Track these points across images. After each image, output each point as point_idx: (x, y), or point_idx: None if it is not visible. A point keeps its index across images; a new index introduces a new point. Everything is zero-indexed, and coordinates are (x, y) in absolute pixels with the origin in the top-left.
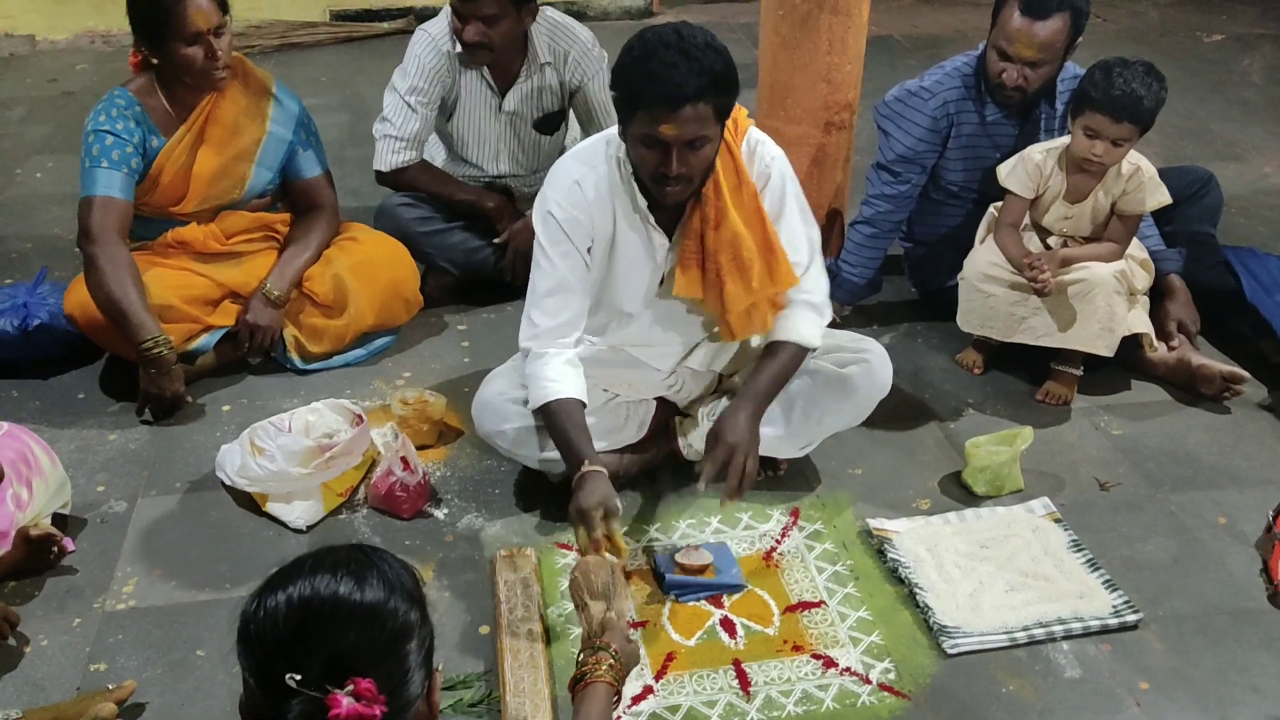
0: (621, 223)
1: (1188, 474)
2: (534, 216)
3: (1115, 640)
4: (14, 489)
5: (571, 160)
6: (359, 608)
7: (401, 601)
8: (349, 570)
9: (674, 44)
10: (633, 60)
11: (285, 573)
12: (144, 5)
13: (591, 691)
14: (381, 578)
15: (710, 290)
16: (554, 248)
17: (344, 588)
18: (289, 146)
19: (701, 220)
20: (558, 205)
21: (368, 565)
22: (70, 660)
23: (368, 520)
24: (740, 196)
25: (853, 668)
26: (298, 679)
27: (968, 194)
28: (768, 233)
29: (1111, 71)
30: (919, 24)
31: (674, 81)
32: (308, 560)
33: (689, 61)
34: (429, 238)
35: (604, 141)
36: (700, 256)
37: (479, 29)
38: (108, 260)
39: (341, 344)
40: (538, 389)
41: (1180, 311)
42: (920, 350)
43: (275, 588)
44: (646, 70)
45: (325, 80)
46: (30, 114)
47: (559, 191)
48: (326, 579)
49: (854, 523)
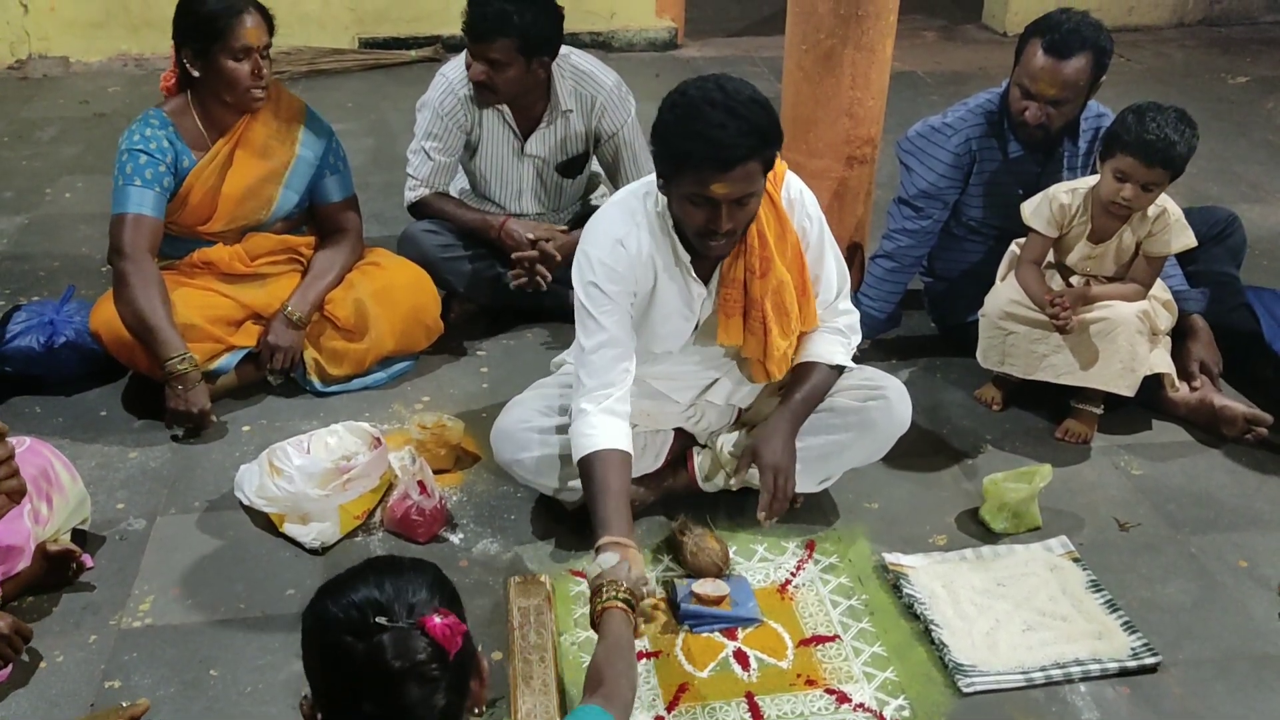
0: (662, 275)
1: (1209, 516)
2: (575, 276)
3: (1134, 683)
4: (34, 504)
5: (613, 215)
6: (425, 566)
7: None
8: (392, 561)
9: (720, 102)
10: (677, 119)
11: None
12: (197, 16)
13: (607, 617)
14: (420, 565)
15: (752, 337)
16: (598, 308)
17: (404, 563)
18: (316, 170)
19: (746, 270)
20: (601, 265)
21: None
22: (85, 677)
23: (383, 543)
24: (784, 245)
25: (866, 704)
26: (385, 620)
27: (989, 230)
28: (806, 278)
29: (1145, 115)
30: (942, 60)
31: (724, 142)
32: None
33: (737, 120)
34: (451, 264)
35: (642, 194)
36: (744, 304)
37: (483, 70)
38: (138, 277)
39: (361, 368)
40: (577, 441)
41: (1203, 352)
42: (939, 385)
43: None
44: (693, 130)
45: (352, 106)
46: (62, 134)
47: (602, 250)
48: (382, 562)
49: (870, 557)
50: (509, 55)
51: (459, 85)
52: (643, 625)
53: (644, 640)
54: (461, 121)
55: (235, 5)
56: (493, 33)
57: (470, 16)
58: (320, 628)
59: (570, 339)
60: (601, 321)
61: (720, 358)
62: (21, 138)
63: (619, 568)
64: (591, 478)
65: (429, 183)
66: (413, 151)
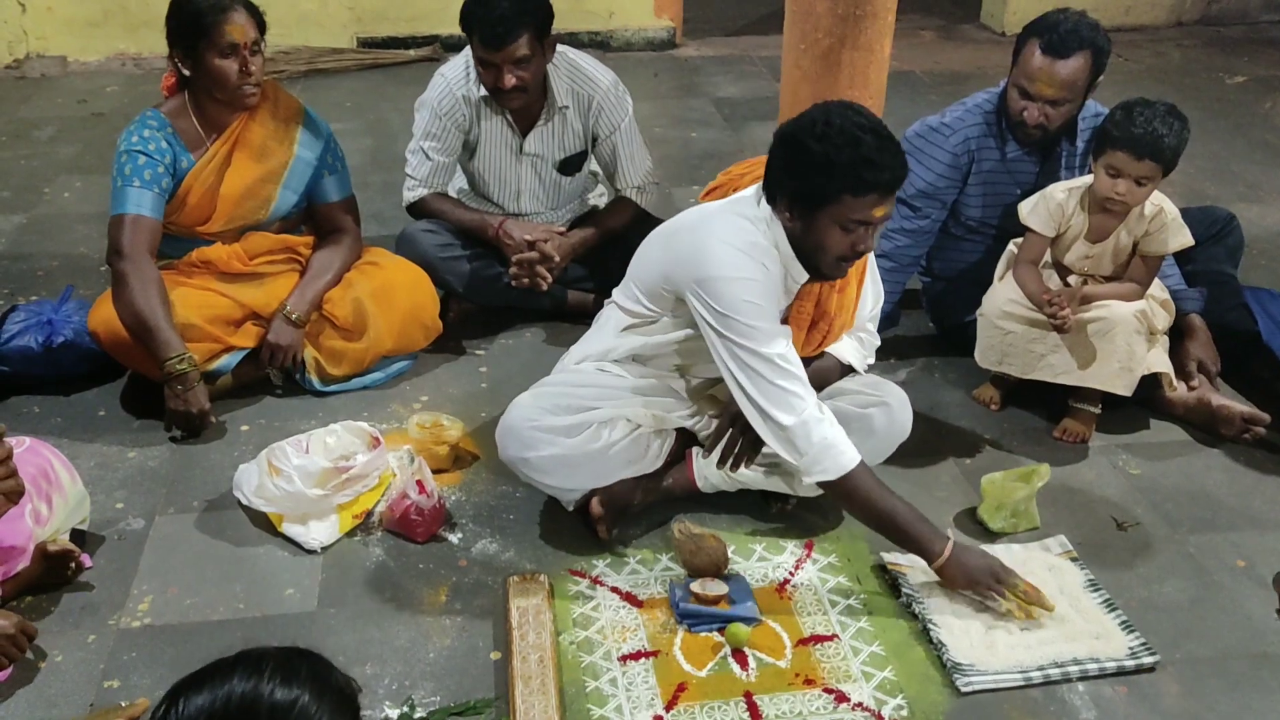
0: None
1: (1206, 515)
2: (729, 294)
3: (1131, 682)
4: (34, 504)
5: (737, 241)
6: (283, 711)
7: (326, 711)
8: (277, 668)
9: (869, 127)
10: (836, 148)
11: (203, 672)
12: (183, 14)
13: None
14: (310, 681)
15: (808, 349)
16: (767, 320)
17: (266, 685)
18: (315, 170)
19: (828, 284)
20: (754, 282)
21: (297, 666)
22: (84, 676)
23: (381, 543)
24: (861, 262)
25: (865, 703)
26: None
27: (987, 230)
28: (860, 296)
29: (1133, 110)
30: (940, 60)
31: (888, 166)
32: (229, 658)
33: (894, 146)
34: (449, 264)
35: (752, 225)
36: (814, 317)
37: (515, 73)
38: (137, 277)
39: (360, 367)
40: (838, 456)
41: (1200, 351)
42: (937, 385)
43: (194, 685)
44: (862, 157)
45: (350, 106)
46: (60, 134)
47: (748, 269)
48: (247, 676)
49: (868, 556)
50: (531, 47)
51: (457, 85)
52: None
53: (643, 639)
54: (460, 121)
55: (221, 2)
56: (514, 32)
57: (485, 28)
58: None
59: (567, 338)
60: (774, 330)
61: None
62: (19, 137)
63: None
64: (875, 489)
65: (427, 183)
66: (411, 151)
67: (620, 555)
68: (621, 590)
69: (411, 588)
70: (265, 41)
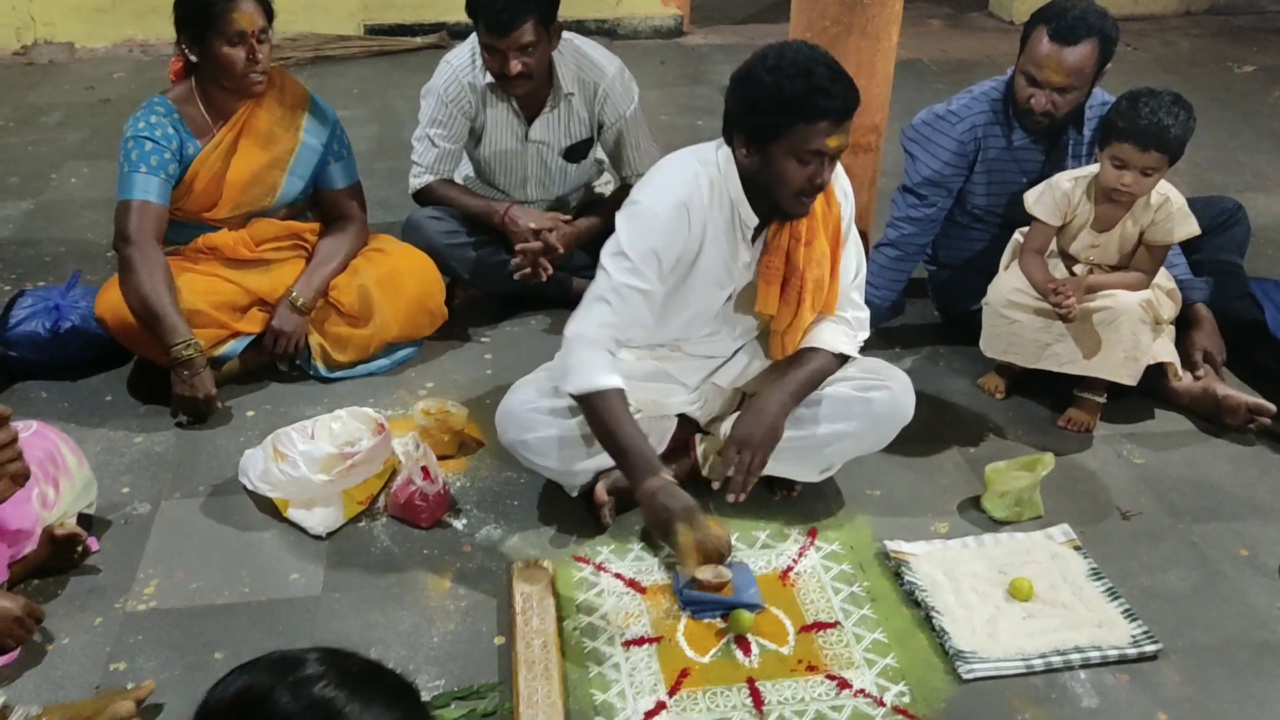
0: (709, 242)
1: (1210, 505)
2: (624, 220)
3: (1133, 670)
4: (41, 488)
5: (678, 174)
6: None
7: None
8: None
9: (824, 62)
10: (789, 79)
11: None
12: (191, 2)
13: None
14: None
15: (786, 307)
16: (642, 258)
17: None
18: (321, 157)
19: (792, 237)
20: (656, 219)
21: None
22: (91, 659)
23: (387, 529)
24: (829, 216)
25: (867, 690)
26: None
27: (993, 219)
28: (838, 255)
29: (1138, 101)
30: (948, 48)
31: (839, 95)
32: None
33: (846, 79)
34: (455, 251)
35: (702, 163)
36: (784, 273)
37: (520, 60)
38: (143, 263)
39: (366, 354)
40: (587, 372)
41: (1206, 341)
42: (942, 374)
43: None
44: (814, 86)
45: (357, 93)
46: (67, 120)
47: (664, 207)
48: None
49: (871, 544)
50: (537, 34)
51: (463, 72)
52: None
53: (646, 625)
54: (466, 108)
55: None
56: (519, 18)
57: (491, 14)
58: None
59: None
60: (644, 271)
61: (738, 334)
62: (27, 123)
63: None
64: (615, 408)
65: (434, 169)
66: (417, 138)
67: (624, 542)
68: (625, 576)
69: (416, 573)
70: (273, 29)
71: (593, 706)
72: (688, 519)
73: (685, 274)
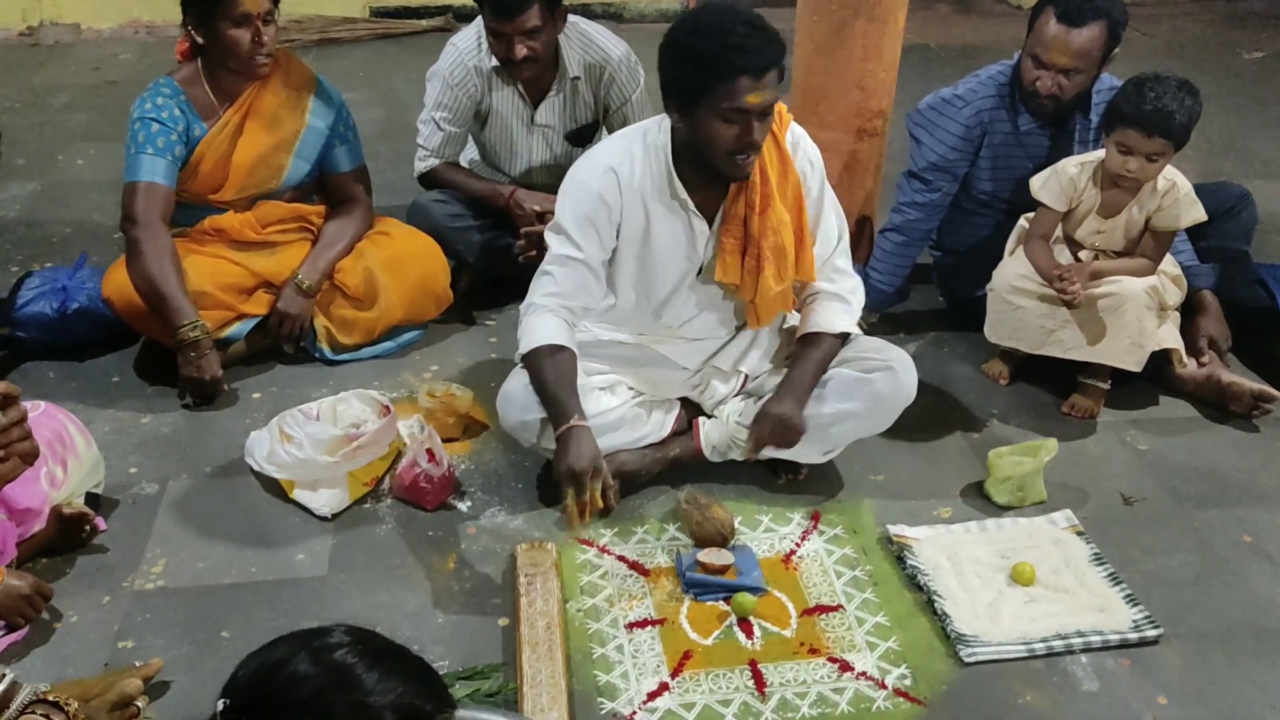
0: (656, 210)
1: (1214, 491)
2: (560, 197)
3: (1134, 655)
4: (49, 467)
5: (609, 146)
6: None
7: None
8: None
9: (745, 20)
10: (704, 39)
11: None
12: None
13: None
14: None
15: (748, 276)
16: (576, 227)
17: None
18: (327, 140)
19: (747, 205)
20: (586, 188)
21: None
22: (99, 637)
23: (392, 510)
24: (785, 184)
25: (869, 672)
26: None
27: (998, 204)
28: (803, 222)
29: (1143, 86)
30: (955, 33)
31: (755, 50)
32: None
33: (767, 35)
34: (460, 234)
35: (641, 130)
36: (743, 242)
37: (525, 44)
38: (150, 244)
39: (371, 336)
40: (529, 336)
41: (1211, 328)
42: (946, 359)
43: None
44: (729, 44)
45: (362, 75)
46: (73, 101)
47: (593, 175)
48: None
49: (874, 528)
50: (542, 18)
51: (469, 55)
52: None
53: (649, 608)
54: (472, 91)
55: None
56: (524, 2)
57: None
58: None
59: None
60: (576, 239)
61: (722, 314)
62: (34, 105)
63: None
64: (547, 363)
65: (439, 153)
66: (423, 121)
67: (627, 524)
68: (629, 559)
69: (421, 555)
70: (278, 11)
71: (596, 687)
72: (575, 477)
73: (640, 244)
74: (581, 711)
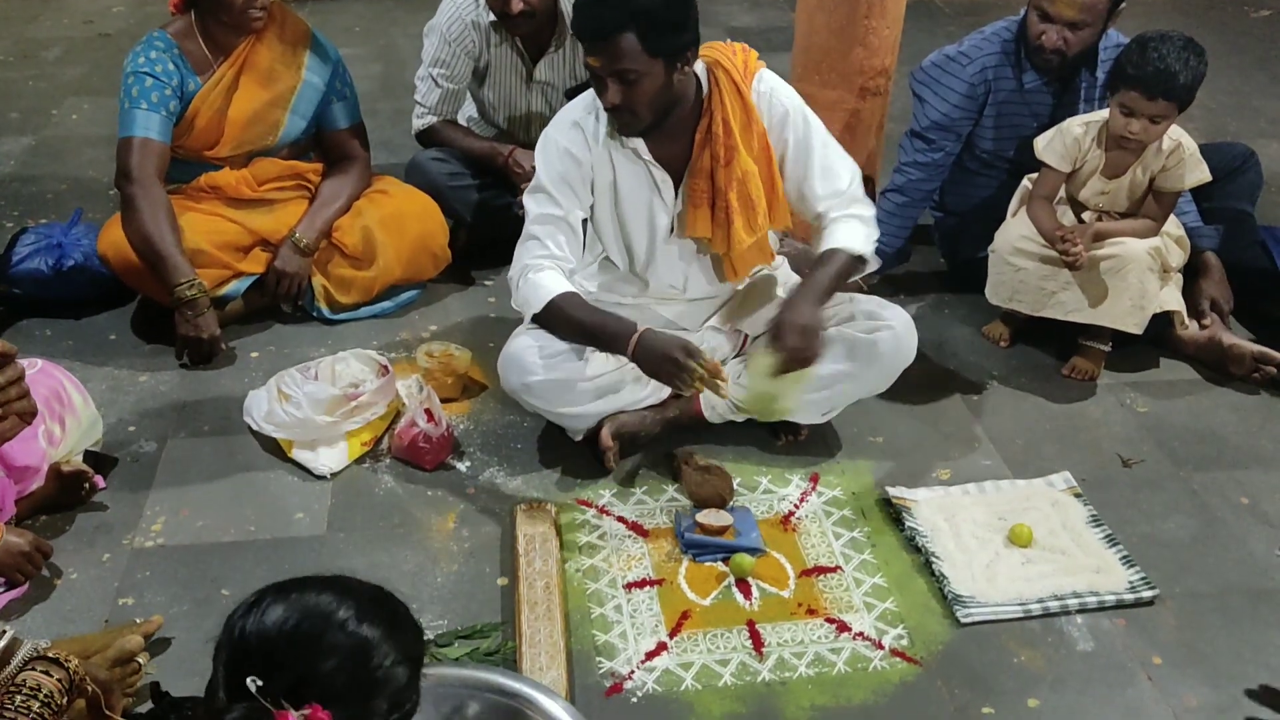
0: (620, 165)
1: (1212, 453)
2: (537, 154)
3: (1130, 615)
4: (46, 425)
5: (573, 104)
6: (350, 638)
7: (393, 651)
8: (357, 600)
9: None
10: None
11: (291, 583)
12: None
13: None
14: (385, 621)
15: (719, 229)
16: (553, 185)
17: (344, 613)
18: (323, 96)
19: (712, 158)
20: (556, 146)
21: (379, 604)
22: (99, 594)
23: (390, 470)
24: (750, 135)
25: (866, 633)
26: (259, 684)
27: (1001, 163)
28: (773, 172)
29: (1147, 46)
30: None
31: (579, 17)
32: (321, 578)
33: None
34: (458, 193)
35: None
36: (710, 195)
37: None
38: (146, 201)
39: (369, 295)
40: (537, 293)
41: (1214, 290)
42: (947, 321)
43: (280, 592)
44: (575, 7)
45: (359, 31)
46: (66, 55)
47: (561, 132)
48: (330, 598)
49: (873, 490)
50: None
51: (466, 10)
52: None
53: (648, 568)
54: (470, 48)
55: None
56: None
57: None
58: (230, 624)
59: None
60: (553, 194)
61: (708, 270)
62: (27, 57)
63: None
64: (575, 305)
65: (437, 110)
66: (420, 78)
67: (626, 485)
68: (627, 520)
69: (420, 514)
70: None
71: (594, 647)
72: (689, 353)
73: (611, 198)
74: (580, 670)
